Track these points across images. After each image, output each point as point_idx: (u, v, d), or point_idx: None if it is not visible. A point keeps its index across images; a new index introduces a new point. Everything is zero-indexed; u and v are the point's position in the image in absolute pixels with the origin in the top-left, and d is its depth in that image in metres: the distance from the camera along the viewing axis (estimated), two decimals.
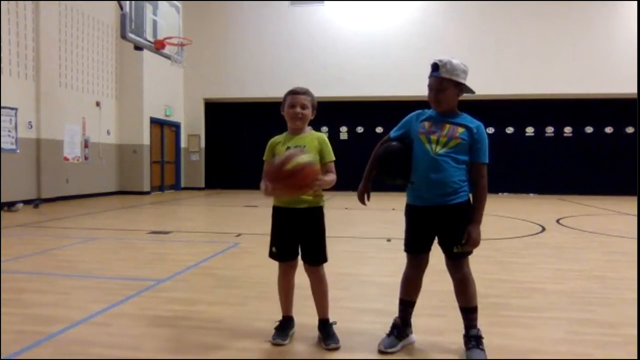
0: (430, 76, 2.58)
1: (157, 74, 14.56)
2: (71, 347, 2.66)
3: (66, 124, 11.98)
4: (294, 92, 2.74)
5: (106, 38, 13.61)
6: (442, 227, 2.58)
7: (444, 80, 2.54)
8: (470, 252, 2.60)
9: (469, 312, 2.61)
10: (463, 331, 2.63)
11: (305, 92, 2.75)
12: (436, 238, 2.65)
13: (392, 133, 2.76)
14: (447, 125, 2.57)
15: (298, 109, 2.70)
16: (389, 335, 2.70)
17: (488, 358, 2.52)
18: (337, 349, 2.65)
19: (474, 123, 2.59)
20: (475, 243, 2.53)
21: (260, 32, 16.04)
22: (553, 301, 3.61)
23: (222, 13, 16.27)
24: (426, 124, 2.61)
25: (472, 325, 2.60)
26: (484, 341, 2.58)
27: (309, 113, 2.75)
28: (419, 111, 2.72)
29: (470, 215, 2.54)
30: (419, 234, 2.65)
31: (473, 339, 2.56)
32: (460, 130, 2.55)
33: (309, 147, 2.67)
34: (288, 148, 2.69)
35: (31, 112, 10.87)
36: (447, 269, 2.65)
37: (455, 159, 2.53)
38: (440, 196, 2.54)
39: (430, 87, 2.59)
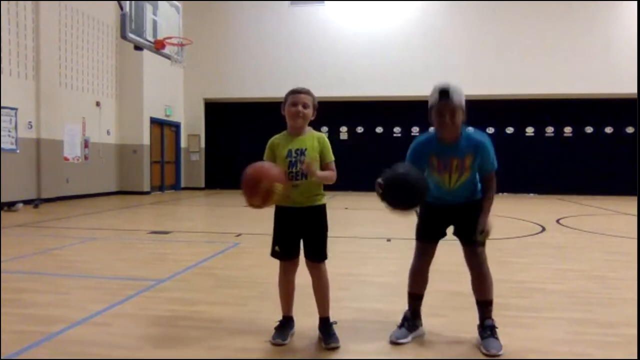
0: (441, 102, 2.50)
1: (157, 74, 14.54)
2: (71, 347, 2.66)
3: (66, 124, 11.98)
4: (295, 92, 2.75)
5: (106, 38, 13.60)
6: (461, 220, 2.71)
7: (456, 106, 2.50)
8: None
9: (485, 305, 2.76)
10: (477, 322, 2.76)
11: (307, 92, 2.77)
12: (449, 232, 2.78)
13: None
14: (455, 162, 2.59)
15: (300, 108, 2.71)
16: (400, 327, 2.80)
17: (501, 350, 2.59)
18: (337, 348, 2.65)
19: (479, 143, 2.59)
20: (488, 233, 2.66)
21: (260, 32, 16.04)
22: (553, 301, 3.61)
23: (222, 13, 16.26)
24: (434, 161, 2.63)
25: (487, 317, 2.74)
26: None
27: (310, 112, 2.75)
28: (418, 143, 2.68)
29: (481, 207, 2.67)
30: (434, 224, 2.77)
31: (488, 329, 2.70)
32: (468, 161, 2.60)
33: (310, 148, 2.70)
34: (290, 151, 2.70)
35: (31, 112, 10.86)
36: (465, 262, 2.77)
37: (471, 180, 2.67)
38: (460, 198, 2.71)
39: (440, 112, 2.51)
